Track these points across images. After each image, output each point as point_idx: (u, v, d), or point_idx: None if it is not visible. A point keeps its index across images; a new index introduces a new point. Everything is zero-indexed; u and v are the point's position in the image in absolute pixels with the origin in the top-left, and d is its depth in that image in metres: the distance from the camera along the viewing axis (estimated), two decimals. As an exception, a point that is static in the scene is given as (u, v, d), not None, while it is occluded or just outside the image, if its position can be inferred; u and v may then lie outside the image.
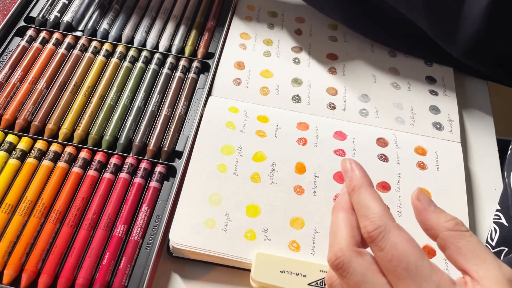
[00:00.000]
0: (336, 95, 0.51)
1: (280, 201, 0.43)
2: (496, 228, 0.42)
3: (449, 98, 0.52)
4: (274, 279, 0.37)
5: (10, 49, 0.52)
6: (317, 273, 0.38)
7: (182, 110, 0.48)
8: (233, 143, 0.46)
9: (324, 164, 0.45)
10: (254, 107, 0.49)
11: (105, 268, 0.38)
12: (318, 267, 0.38)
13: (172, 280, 0.40)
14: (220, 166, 0.44)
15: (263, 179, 0.44)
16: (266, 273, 0.38)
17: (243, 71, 0.52)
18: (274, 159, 0.45)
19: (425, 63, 0.55)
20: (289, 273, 0.38)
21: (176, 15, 0.56)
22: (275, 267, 0.38)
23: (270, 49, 0.54)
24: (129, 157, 0.44)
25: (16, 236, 0.39)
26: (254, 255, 0.39)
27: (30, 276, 0.37)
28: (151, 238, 0.40)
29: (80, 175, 0.43)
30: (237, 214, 0.41)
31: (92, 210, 0.41)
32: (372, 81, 0.53)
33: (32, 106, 0.47)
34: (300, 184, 0.44)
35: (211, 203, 0.42)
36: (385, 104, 0.51)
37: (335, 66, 0.54)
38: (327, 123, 0.49)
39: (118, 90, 0.49)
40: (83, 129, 0.46)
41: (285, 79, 0.52)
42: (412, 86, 0.53)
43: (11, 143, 0.44)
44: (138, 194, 0.42)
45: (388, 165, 0.46)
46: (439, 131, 0.50)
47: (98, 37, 0.54)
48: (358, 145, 0.47)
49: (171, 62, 0.52)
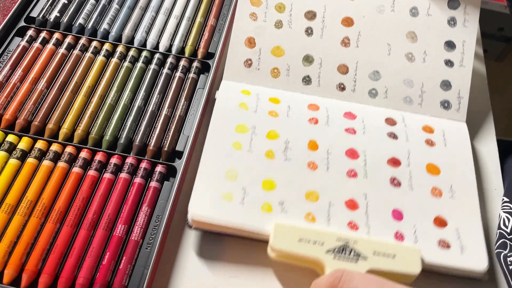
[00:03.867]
0: (347, 73, 0.52)
1: (294, 176, 0.44)
2: (509, 216, 0.44)
3: (465, 69, 0.52)
4: (292, 247, 0.38)
5: (10, 49, 0.52)
6: (334, 241, 0.39)
7: (182, 110, 0.48)
8: (247, 122, 0.47)
9: (336, 141, 0.47)
10: (265, 90, 0.51)
11: (105, 268, 0.38)
12: (335, 235, 0.39)
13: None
14: (235, 144, 0.45)
15: (277, 155, 0.45)
16: (284, 241, 0.39)
17: (253, 49, 0.52)
18: (287, 137, 0.47)
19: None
20: (307, 242, 0.39)
21: (177, 15, 0.57)
22: (293, 236, 0.39)
23: (282, 18, 0.53)
24: (129, 157, 0.44)
25: (17, 236, 0.39)
26: (272, 225, 0.40)
27: (30, 276, 0.37)
28: (151, 238, 0.40)
29: (80, 175, 0.43)
30: (253, 188, 0.43)
31: (92, 210, 0.41)
32: (386, 52, 0.52)
33: (32, 106, 0.47)
34: (313, 160, 0.45)
35: (227, 178, 0.43)
36: (395, 82, 0.51)
37: (349, 35, 0.52)
38: (337, 104, 0.50)
39: (118, 90, 0.49)
40: (83, 129, 0.46)
41: (296, 56, 0.52)
42: (428, 57, 0.52)
43: (11, 143, 0.44)
44: (138, 194, 0.43)
45: (398, 142, 0.48)
46: (446, 110, 0.51)
47: (98, 37, 0.54)
48: (367, 124, 0.49)
49: (171, 62, 0.52)
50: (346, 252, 0.38)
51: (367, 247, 0.38)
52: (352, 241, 0.39)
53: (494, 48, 1.11)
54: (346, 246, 0.38)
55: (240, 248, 0.42)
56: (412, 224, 0.42)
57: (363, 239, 0.39)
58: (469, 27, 0.52)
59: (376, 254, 0.38)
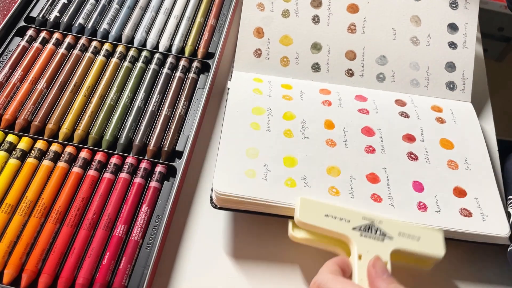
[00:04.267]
0: (354, 59, 0.52)
1: (314, 153, 0.45)
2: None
3: (468, 50, 0.53)
4: (319, 221, 0.38)
5: (10, 49, 0.52)
6: (360, 220, 0.39)
7: (182, 110, 0.48)
8: (263, 105, 0.48)
9: (351, 120, 0.48)
10: (276, 78, 0.52)
11: (105, 268, 0.38)
12: (361, 214, 0.39)
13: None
14: (253, 124, 0.46)
15: (296, 134, 0.46)
16: (311, 216, 0.39)
17: (262, 39, 0.52)
18: (303, 117, 0.48)
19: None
20: (333, 218, 0.38)
21: (176, 15, 0.56)
22: (319, 211, 0.39)
23: (289, 7, 0.53)
24: (129, 157, 0.44)
25: (16, 236, 0.39)
26: (298, 200, 0.40)
27: (30, 276, 0.37)
28: (151, 238, 0.40)
29: (80, 175, 0.43)
30: (275, 165, 0.43)
31: (92, 210, 0.41)
32: (392, 37, 0.53)
33: (32, 106, 0.47)
34: (331, 138, 0.46)
35: (249, 156, 0.43)
36: (401, 66, 0.52)
37: (355, 21, 0.53)
38: (346, 89, 0.52)
39: (118, 90, 0.49)
40: (83, 129, 0.46)
41: (305, 45, 0.53)
42: (432, 40, 0.53)
43: (11, 143, 0.44)
44: (138, 194, 0.42)
45: (410, 120, 0.49)
46: (451, 91, 0.52)
47: (98, 37, 0.54)
48: (379, 105, 0.50)
49: (171, 62, 0.52)
50: (372, 230, 0.38)
51: (392, 228, 0.38)
52: (378, 221, 0.39)
53: (494, 48, 1.11)
54: (372, 225, 0.38)
55: (240, 248, 0.42)
56: (433, 195, 0.43)
57: (388, 220, 0.39)
58: (471, 9, 0.54)
59: (401, 235, 0.38)
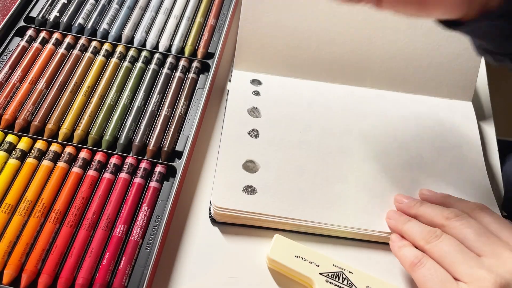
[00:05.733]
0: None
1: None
2: None
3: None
4: (288, 261, 0.39)
5: (10, 49, 0.52)
6: (330, 266, 0.39)
7: (182, 110, 0.48)
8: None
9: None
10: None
11: (105, 268, 0.38)
12: (332, 261, 0.39)
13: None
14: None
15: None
16: (282, 254, 0.39)
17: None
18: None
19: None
20: (303, 259, 0.39)
21: (176, 15, 0.56)
22: (291, 251, 0.40)
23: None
24: (129, 157, 0.44)
25: (16, 236, 0.39)
26: (274, 237, 0.40)
27: (30, 276, 0.37)
28: (151, 238, 0.40)
29: (80, 175, 0.43)
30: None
31: (92, 210, 0.41)
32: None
33: (32, 106, 0.47)
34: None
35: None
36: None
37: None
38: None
39: (118, 90, 0.49)
40: (83, 129, 0.46)
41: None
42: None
43: (11, 143, 0.44)
44: (138, 194, 0.42)
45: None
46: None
47: (98, 37, 0.54)
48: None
49: (171, 62, 0.52)
50: (340, 279, 0.38)
51: (361, 281, 0.38)
52: (348, 271, 0.39)
53: (494, 48, 1.11)
54: (341, 273, 0.38)
55: (240, 248, 0.42)
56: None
57: (359, 272, 0.39)
58: None
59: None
